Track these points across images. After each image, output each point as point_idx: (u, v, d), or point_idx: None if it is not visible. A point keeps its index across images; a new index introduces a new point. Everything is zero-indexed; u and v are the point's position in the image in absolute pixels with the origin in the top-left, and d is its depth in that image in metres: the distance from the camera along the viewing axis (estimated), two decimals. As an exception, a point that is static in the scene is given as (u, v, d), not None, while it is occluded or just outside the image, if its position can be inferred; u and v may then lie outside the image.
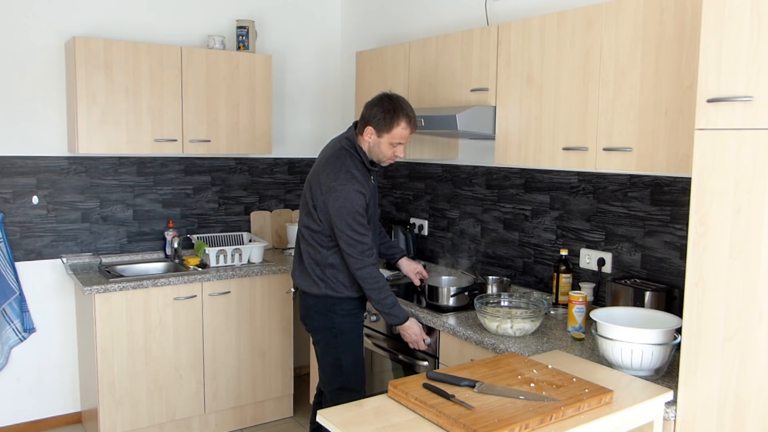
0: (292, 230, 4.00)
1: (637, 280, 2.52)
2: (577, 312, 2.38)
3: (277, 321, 3.71)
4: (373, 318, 2.92)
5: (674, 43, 2.05)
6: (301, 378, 4.17)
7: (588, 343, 2.31)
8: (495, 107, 2.73)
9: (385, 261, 3.12)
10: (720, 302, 1.65)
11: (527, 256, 3.09)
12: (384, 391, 1.80)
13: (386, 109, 2.47)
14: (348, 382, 2.63)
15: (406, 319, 2.58)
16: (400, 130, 2.48)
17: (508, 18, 3.08)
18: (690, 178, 1.71)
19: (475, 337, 2.42)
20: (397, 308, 2.56)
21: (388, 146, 2.51)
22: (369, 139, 2.52)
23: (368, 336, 3.06)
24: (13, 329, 3.40)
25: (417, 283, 2.93)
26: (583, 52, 2.35)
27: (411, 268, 2.93)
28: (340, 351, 2.62)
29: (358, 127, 2.59)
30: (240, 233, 3.95)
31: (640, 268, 2.58)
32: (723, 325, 1.64)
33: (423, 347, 2.64)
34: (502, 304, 2.63)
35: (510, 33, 2.64)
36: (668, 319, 2.07)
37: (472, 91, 2.83)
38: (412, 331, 2.60)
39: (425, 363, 2.73)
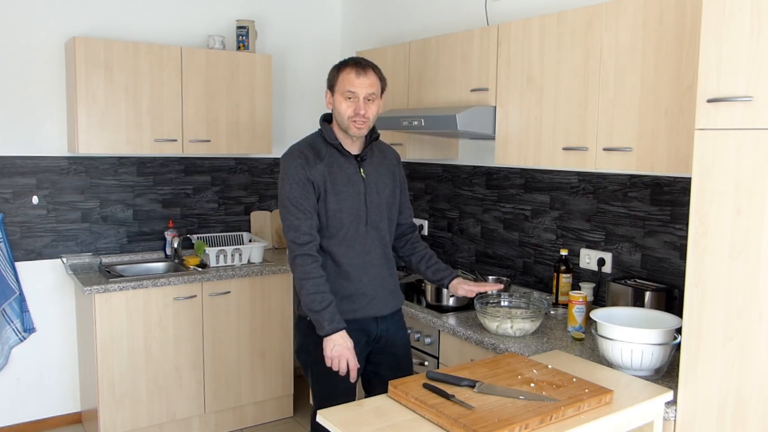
0: (292, 230, 4.00)
1: (637, 280, 2.52)
2: (577, 312, 2.38)
3: (277, 321, 3.71)
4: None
5: (674, 43, 2.05)
6: (301, 378, 4.17)
7: (588, 343, 2.31)
8: (495, 107, 2.73)
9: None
10: (720, 302, 1.65)
11: (527, 256, 3.09)
12: (384, 391, 1.81)
13: (334, 66, 2.25)
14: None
15: (332, 333, 2.10)
16: (344, 75, 2.18)
17: (508, 18, 3.08)
18: (690, 178, 1.71)
19: (475, 337, 2.42)
20: (324, 314, 2.09)
21: (344, 102, 2.17)
22: (330, 106, 2.24)
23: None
24: (13, 329, 3.40)
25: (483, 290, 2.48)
26: (583, 52, 2.35)
27: (472, 290, 2.43)
28: (313, 381, 2.28)
29: None
30: (240, 233, 3.95)
31: (640, 268, 2.58)
32: (723, 325, 1.64)
33: (341, 370, 2.12)
34: (502, 304, 2.62)
35: (510, 33, 2.64)
36: (668, 319, 2.06)
37: (472, 91, 2.83)
38: (334, 349, 2.10)
39: (425, 363, 2.73)
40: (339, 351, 2.10)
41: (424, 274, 2.52)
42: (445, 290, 2.77)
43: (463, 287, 2.42)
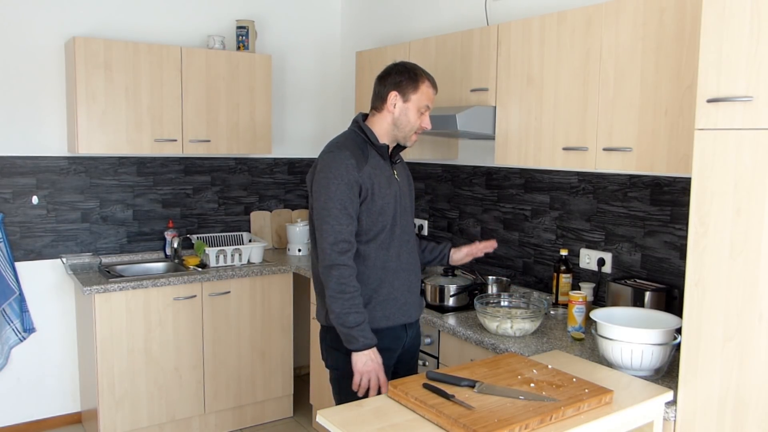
0: (292, 230, 4.00)
1: (637, 280, 2.52)
2: (577, 312, 2.38)
3: (277, 321, 3.71)
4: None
5: (674, 43, 2.05)
6: (301, 378, 4.17)
7: (588, 343, 2.31)
8: (495, 107, 2.73)
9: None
10: (720, 302, 1.65)
11: (527, 256, 3.09)
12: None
13: (408, 70, 2.18)
14: None
15: (364, 348, 2.04)
16: (426, 88, 2.17)
17: (508, 18, 3.08)
18: (690, 178, 1.71)
19: (475, 337, 2.42)
20: (356, 331, 2.03)
21: (416, 113, 2.16)
22: (394, 109, 2.16)
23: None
24: (13, 329, 3.40)
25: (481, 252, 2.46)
26: (583, 52, 2.35)
27: (472, 250, 2.45)
28: (342, 398, 2.17)
29: (373, 106, 2.24)
30: (240, 233, 3.95)
31: (640, 268, 2.58)
32: (723, 325, 1.64)
33: (373, 387, 2.07)
34: (502, 304, 2.62)
35: (510, 33, 2.64)
36: (668, 319, 2.06)
37: (472, 91, 2.83)
38: (366, 364, 2.05)
39: (425, 363, 2.73)
40: (371, 366, 2.05)
41: (421, 258, 2.42)
42: (444, 290, 2.77)
43: (462, 251, 2.43)
